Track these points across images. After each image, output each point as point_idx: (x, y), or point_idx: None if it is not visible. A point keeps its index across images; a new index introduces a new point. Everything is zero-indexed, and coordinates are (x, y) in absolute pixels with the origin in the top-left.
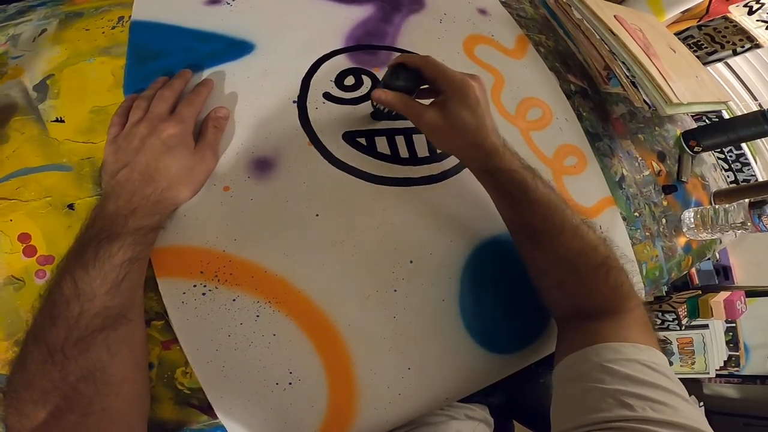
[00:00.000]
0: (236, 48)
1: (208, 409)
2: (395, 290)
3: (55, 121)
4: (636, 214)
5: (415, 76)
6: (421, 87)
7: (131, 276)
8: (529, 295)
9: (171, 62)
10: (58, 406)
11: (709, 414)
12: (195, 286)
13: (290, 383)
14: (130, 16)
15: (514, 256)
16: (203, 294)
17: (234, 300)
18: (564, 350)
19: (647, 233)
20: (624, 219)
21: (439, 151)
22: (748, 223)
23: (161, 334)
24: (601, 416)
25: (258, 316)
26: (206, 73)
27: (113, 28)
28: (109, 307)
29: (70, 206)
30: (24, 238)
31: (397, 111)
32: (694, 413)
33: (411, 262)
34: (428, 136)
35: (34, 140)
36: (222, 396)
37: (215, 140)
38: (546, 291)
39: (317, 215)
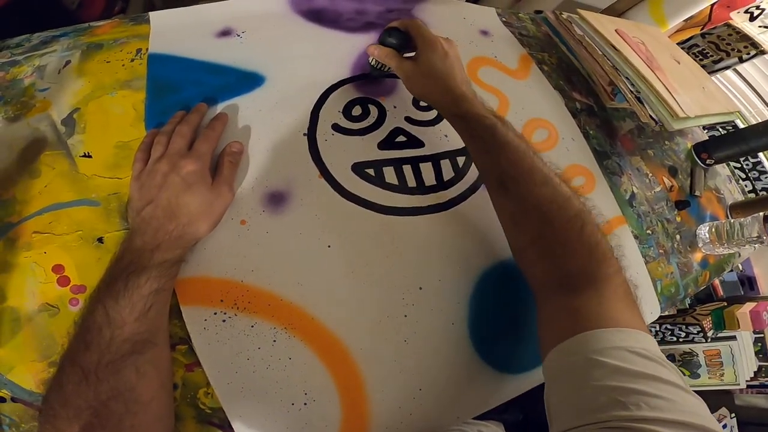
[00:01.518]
0: (247, 81)
1: (228, 428)
2: (405, 315)
3: (83, 156)
4: (648, 231)
5: (405, 37)
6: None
7: (157, 305)
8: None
9: (187, 95)
10: (91, 422)
11: (742, 425)
12: (216, 313)
13: (305, 403)
14: (147, 49)
15: (520, 280)
16: (223, 321)
17: (252, 326)
18: (548, 339)
19: (661, 251)
20: (636, 237)
21: (446, 179)
22: (764, 237)
23: (185, 358)
24: (594, 417)
25: (275, 341)
26: (220, 107)
27: (132, 60)
28: (137, 333)
29: (100, 240)
30: (58, 269)
31: (383, 62)
32: (691, 403)
33: (420, 288)
34: (405, 83)
35: (65, 175)
36: (241, 415)
37: (231, 175)
38: (522, 252)
39: (329, 246)
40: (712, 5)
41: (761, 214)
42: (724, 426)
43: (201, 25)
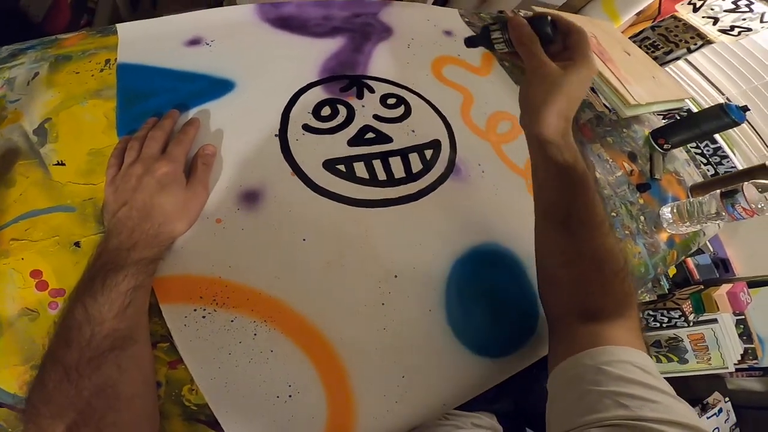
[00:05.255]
0: (218, 87)
1: (214, 424)
2: (383, 303)
3: (56, 164)
4: (613, 214)
5: (558, 37)
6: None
7: (136, 302)
8: (513, 300)
9: (158, 103)
10: (74, 420)
11: (737, 409)
12: (195, 310)
13: (290, 395)
14: (116, 59)
15: (494, 265)
16: (203, 317)
17: (232, 321)
18: (559, 354)
19: (627, 231)
20: None
21: (414, 171)
22: (723, 213)
23: (167, 355)
24: (598, 416)
25: (255, 334)
26: (192, 112)
27: (101, 71)
28: (117, 330)
29: (77, 244)
30: (36, 274)
31: (523, 44)
32: (685, 410)
33: (396, 276)
34: (531, 86)
35: (39, 183)
36: (227, 411)
37: (205, 176)
38: (555, 285)
39: (304, 240)
40: None
41: (718, 191)
42: (720, 410)
43: (169, 35)
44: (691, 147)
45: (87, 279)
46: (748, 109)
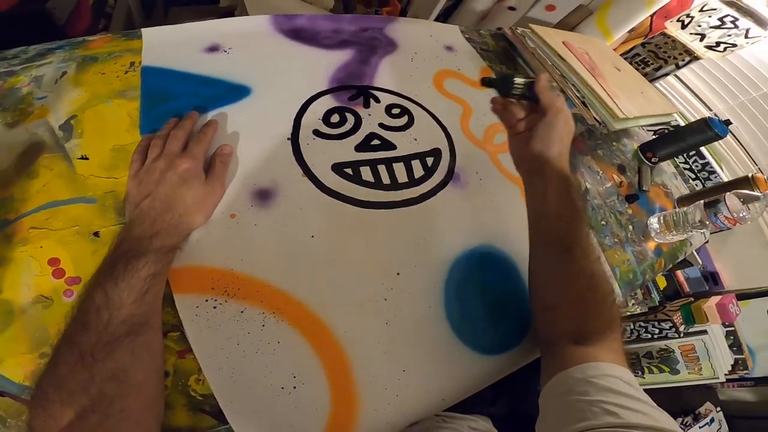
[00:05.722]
0: (235, 92)
1: (218, 415)
2: (385, 299)
3: (80, 158)
4: (603, 222)
5: (532, 94)
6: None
7: (153, 289)
8: (510, 300)
9: (179, 105)
10: (84, 406)
11: (730, 419)
12: (207, 300)
13: (294, 387)
14: (140, 62)
15: (492, 265)
16: (214, 307)
17: (242, 312)
18: (552, 372)
19: (616, 239)
20: (591, 228)
21: (417, 177)
22: (707, 222)
23: (177, 344)
24: (588, 423)
25: (263, 325)
26: (210, 115)
27: (126, 72)
28: (134, 315)
29: (96, 234)
30: (53, 262)
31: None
32: (669, 421)
33: (398, 274)
34: (528, 141)
35: (63, 176)
36: (232, 401)
37: (222, 174)
38: (553, 309)
39: (313, 236)
40: (652, 16)
41: (701, 201)
42: (712, 420)
43: (190, 41)
44: (681, 162)
45: (108, 264)
46: (731, 123)
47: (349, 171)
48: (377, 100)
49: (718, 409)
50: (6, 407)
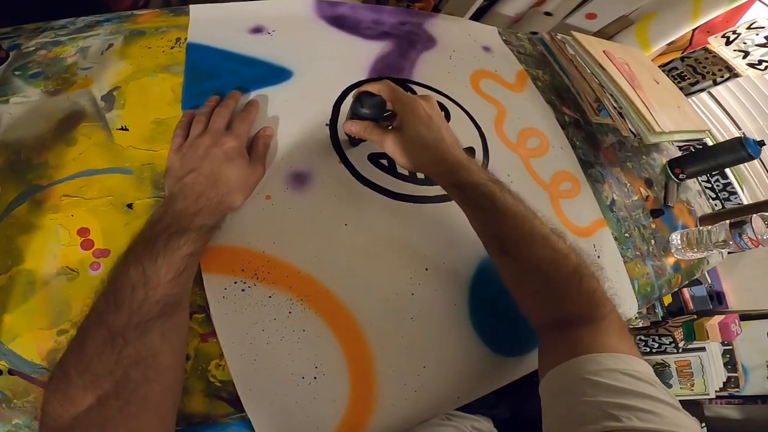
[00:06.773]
0: (277, 74)
1: (235, 402)
2: (412, 294)
3: (120, 129)
4: (627, 234)
5: (379, 102)
6: (387, 111)
7: (189, 268)
8: None
9: (222, 83)
10: (106, 391)
11: None
12: (236, 282)
13: (315, 377)
14: (186, 38)
15: None
16: (243, 290)
17: (270, 297)
18: (546, 364)
19: (638, 252)
20: (615, 239)
21: None
22: (730, 242)
23: (201, 327)
24: (588, 428)
25: (290, 312)
26: (252, 95)
27: (172, 48)
28: (169, 295)
29: (130, 206)
30: (83, 232)
31: (364, 138)
32: (681, 418)
33: (426, 269)
34: (394, 158)
35: (101, 145)
36: (251, 389)
37: (264, 155)
38: (522, 301)
39: (346, 224)
40: (694, 30)
41: (727, 221)
42: None
43: (235, 21)
44: (702, 181)
45: (147, 239)
46: (765, 144)
47: (384, 162)
48: (414, 94)
49: (703, 425)
50: (13, 386)
